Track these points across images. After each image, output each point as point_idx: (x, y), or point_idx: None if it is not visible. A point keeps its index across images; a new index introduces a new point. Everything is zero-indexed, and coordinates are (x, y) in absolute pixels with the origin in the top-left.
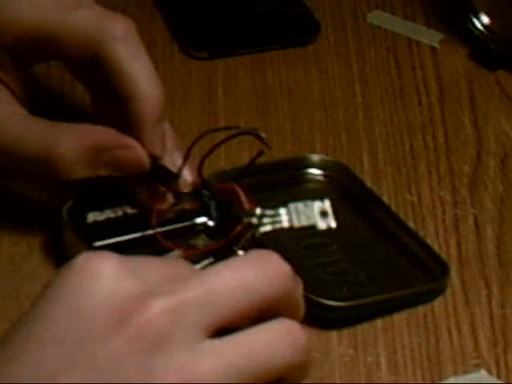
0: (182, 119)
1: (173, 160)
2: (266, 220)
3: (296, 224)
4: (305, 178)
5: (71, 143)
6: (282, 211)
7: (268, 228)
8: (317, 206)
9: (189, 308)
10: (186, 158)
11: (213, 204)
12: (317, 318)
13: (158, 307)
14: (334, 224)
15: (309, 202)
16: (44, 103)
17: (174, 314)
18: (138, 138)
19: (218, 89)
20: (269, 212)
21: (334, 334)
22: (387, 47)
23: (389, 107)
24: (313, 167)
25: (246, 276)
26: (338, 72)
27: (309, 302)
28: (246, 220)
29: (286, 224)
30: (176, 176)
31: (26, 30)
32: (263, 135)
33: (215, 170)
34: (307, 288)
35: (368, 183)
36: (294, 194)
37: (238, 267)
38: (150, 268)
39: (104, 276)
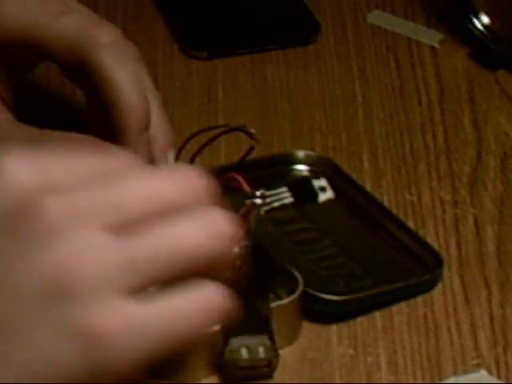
0: (182, 119)
1: (167, 160)
2: (269, 199)
3: (298, 200)
4: (291, 175)
5: None
6: (284, 189)
7: (274, 205)
8: (316, 182)
9: (87, 207)
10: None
11: None
12: (315, 313)
13: (53, 203)
14: (332, 195)
15: (307, 180)
16: (42, 107)
17: (70, 212)
18: (122, 146)
19: (218, 89)
20: (270, 192)
21: (334, 334)
22: (387, 47)
23: (389, 107)
24: (299, 163)
25: (157, 186)
26: (338, 72)
27: (307, 296)
28: (248, 202)
29: (289, 200)
30: None
31: (15, 34)
32: (252, 131)
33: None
34: (305, 283)
35: (368, 183)
36: None
37: (152, 178)
38: (64, 163)
39: (9, 176)
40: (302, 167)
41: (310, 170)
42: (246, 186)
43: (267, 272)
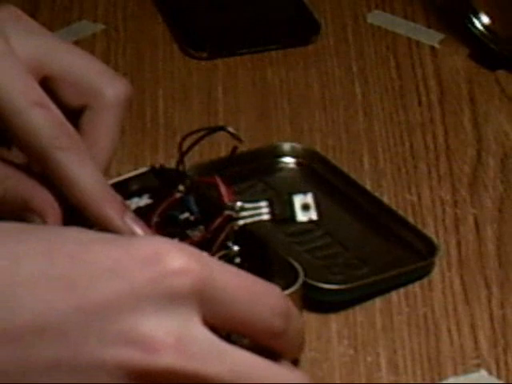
0: (182, 119)
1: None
2: (245, 213)
3: (276, 217)
4: (278, 167)
5: None
6: (263, 203)
7: (248, 221)
8: (298, 199)
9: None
10: (181, 160)
11: (192, 198)
12: (313, 303)
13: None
14: (315, 216)
15: (290, 195)
16: None
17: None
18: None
19: (218, 89)
20: (249, 205)
21: (334, 334)
22: (387, 47)
23: (389, 107)
24: (285, 156)
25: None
26: (338, 72)
27: (305, 286)
28: (226, 213)
29: (265, 217)
30: None
31: None
32: (233, 130)
33: (192, 163)
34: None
35: (368, 183)
36: (270, 183)
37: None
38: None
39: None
40: (288, 159)
41: (296, 163)
42: (225, 196)
43: (267, 264)
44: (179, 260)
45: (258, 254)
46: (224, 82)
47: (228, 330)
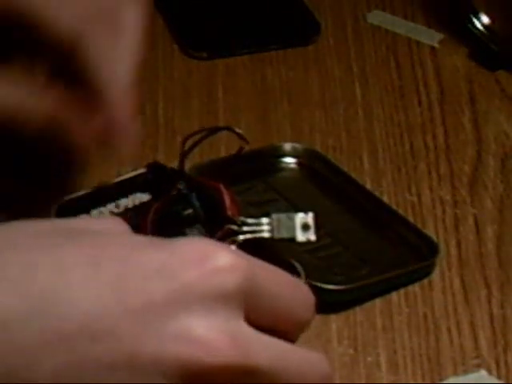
0: (182, 119)
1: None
2: (246, 228)
3: (276, 235)
4: (279, 167)
5: None
6: (264, 221)
7: (248, 236)
8: (299, 218)
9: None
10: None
11: (194, 195)
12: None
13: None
14: (313, 237)
15: (292, 214)
16: None
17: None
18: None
19: (218, 89)
20: (250, 221)
21: (334, 334)
22: (387, 47)
23: (389, 107)
24: (286, 156)
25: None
26: (338, 72)
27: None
28: (227, 227)
29: (266, 234)
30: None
31: None
32: (239, 131)
33: (192, 163)
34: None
35: (368, 183)
36: (271, 183)
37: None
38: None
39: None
40: (289, 160)
41: (297, 163)
42: (228, 208)
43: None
44: (227, 258)
45: (259, 254)
46: (224, 82)
47: (262, 323)
